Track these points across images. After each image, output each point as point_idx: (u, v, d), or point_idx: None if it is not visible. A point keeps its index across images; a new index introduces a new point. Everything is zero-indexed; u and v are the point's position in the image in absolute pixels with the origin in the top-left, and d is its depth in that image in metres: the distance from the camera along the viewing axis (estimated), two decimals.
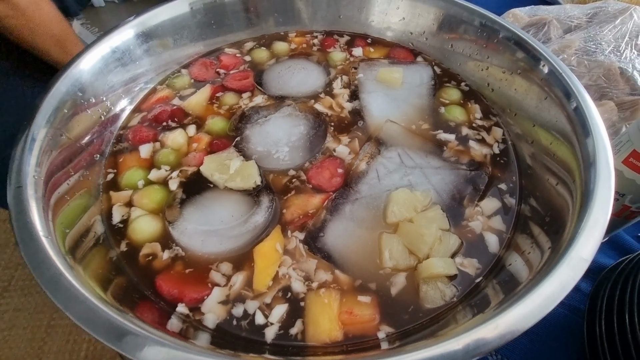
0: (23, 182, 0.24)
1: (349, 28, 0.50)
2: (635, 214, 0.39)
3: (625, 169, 0.36)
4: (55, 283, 0.19)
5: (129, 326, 0.17)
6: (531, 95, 0.35)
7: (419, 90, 0.42)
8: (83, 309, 0.18)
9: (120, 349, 0.16)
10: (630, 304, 0.33)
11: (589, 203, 0.23)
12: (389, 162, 0.35)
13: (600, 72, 0.55)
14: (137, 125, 0.38)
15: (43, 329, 1.48)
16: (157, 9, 0.39)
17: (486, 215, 0.32)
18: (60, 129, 0.30)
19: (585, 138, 0.27)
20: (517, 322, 0.18)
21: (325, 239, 0.30)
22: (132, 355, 0.16)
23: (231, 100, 0.41)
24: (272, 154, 0.36)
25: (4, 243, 1.68)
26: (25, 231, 0.21)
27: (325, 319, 0.25)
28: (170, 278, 0.27)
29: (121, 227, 0.30)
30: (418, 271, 0.27)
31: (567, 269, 0.19)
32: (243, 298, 0.26)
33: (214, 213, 0.31)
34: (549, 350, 0.38)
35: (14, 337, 1.38)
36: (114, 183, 0.33)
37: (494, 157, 0.36)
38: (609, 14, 0.62)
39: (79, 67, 0.33)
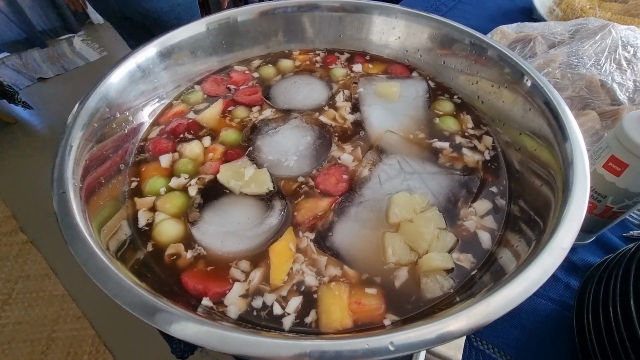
0: (65, 187, 0.26)
1: (349, 46, 0.54)
2: (618, 214, 0.42)
3: (606, 173, 0.40)
4: (104, 274, 0.21)
5: (170, 308, 0.20)
6: (517, 106, 0.39)
7: (415, 102, 0.46)
8: (130, 296, 0.21)
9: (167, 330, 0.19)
10: (613, 297, 0.36)
11: (568, 200, 0.26)
12: (390, 168, 0.38)
13: (583, 84, 0.59)
14: (157, 137, 0.41)
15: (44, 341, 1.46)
16: (177, 30, 0.43)
17: (479, 215, 0.35)
18: (90, 141, 0.33)
19: (564, 143, 0.30)
20: (506, 301, 0.21)
21: (334, 238, 0.33)
22: (165, 328, 0.19)
23: (242, 114, 0.44)
24: (282, 162, 0.39)
25: (5, 256, 1.67)
26: (72, 231, 0.24)
27: (337, 309, 0.28)
28: (194, 275, 0.30)
29: (147, 229, 0.33)
30: (418, 265, 0.30)
31: (549, 257, 0.22)
32: (261, 291, 0.29)
33: (232, 216, 0.34)
34: (541, 343, 0.41)
35: (14, 350, 1.38)
36: (137, 190, 0.36)
37: (485, 163, 0.40)
38: (590, 30, 0.67)
39: (106, 84, 0.36)
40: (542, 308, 0.44)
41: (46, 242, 1.54)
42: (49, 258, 1.50)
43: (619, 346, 0.33)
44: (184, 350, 0.68)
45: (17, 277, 1.47)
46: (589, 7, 0.85)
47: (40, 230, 1.58)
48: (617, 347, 0.33)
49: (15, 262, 1.52)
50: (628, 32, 0.64)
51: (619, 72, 0.59)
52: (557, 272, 0.47)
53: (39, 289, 1.45)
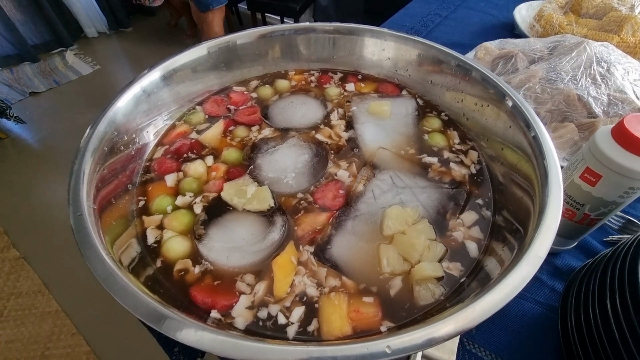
0: (82, 210, 0.28)
1: (342, 66, 0.57)
2: (595, 221, 0.45)
3: (582, 183, 0.43)
4: (124, 291, 0.23)
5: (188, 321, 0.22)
6: (499, 123, 0.42)
7: (405, 120, 0.49)
8: (149, 310, 0.22)
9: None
10: (592, 298, 0.39)
11: (544, 212, 0.28)
12: (383, 183, 0.41)
13: (561, 98, 0.63)
14: (161, 157, 0.43)
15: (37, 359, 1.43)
16: (180, 54, 0.45)
17: (466, 226, 0.37)
18: (100, 163, 0.35)
19: (542, 160, 0.33)
20: (490, 306, 0.23)
21: (332, 251, 0.35)
22: (183, 339, 0.21)
23: (242, 133, 0.47)
24: (282, 179, 0.41)
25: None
26: (91, 252, 0.26)
27: (337, 317, 0.30)
28: (203, 289, 0.32)
29: (156, 246, 0.35)
30: (411, 274, 0.33)
31: (527, 265, 0.25)
32: (266, 303, 0.31)
33: (236, 232, 0.36)
34: (530, 344, 0.43)
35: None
36: (145, 209, 0.38)
37: (471, 177, 0.42)
38: (566, 47, 0.71)
39: (114, 109, 0.38)
40: (529, 311, 0.46)
41: (39, 258, 1.53)
42: (41, 274, 1.49)
43: (598, 344, 0.36)
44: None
45: (8, 295, 1.45)
46: (567, 23, 0.90)
47: (33, 246, 1.57)
48: (597, 345, 0.36)
49: (7, 279, 1.50)
50: (602, 48, 0.68)
51: (594, 86, 0.63)
52: (542, 276, 0.50)
53: (31, 305, 1.43)
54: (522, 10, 1.00)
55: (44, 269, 1.48)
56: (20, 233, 1.60)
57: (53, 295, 1.43)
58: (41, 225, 1.62)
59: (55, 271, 1.47)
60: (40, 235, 1.59)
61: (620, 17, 0.84)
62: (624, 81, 0.63)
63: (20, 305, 1.45)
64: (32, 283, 1.48)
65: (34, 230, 1.61)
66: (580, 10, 0.93)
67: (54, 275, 1.47)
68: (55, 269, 1.48)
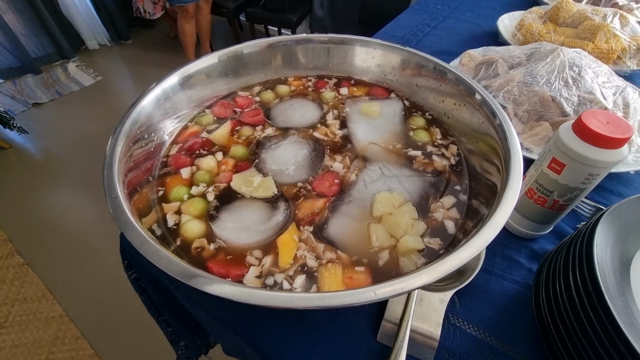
0: (117, 193, 0.34)
1: (336, 72, 0.63)
2: (564, 206, 0.50)
3: (550, 172, 0.48)
4: (157, 254, 0.28)
5: (211, 276, 0.27)
6: (474, 120, 0.48)
7: (393, 119, 0.55)
8: (180, 268, 0.28)
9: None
10: (559, 274, 0.44)
11: (506, 187, 0.34)
12: (373, 173, 0.46)
13: (537, 99, 0.69)
14: (176, 154, 0.49)
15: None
16: (195, 62, 0.51)
17: (446, 208, 0.43)
18: (128, 157, 0.40)
19: (504, 142, 0.39)
20: (457, 262, 0.28)
21: (329, 230, 0.40)
22: (210, 290, 0.26)
23: (248, 132, 0.52)
24: (284, 171, 0.46)
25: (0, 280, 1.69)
26: (128, 225, 0.31)
27: (333, 283, 0.35)
28: (217, 262, 0.37)
29: (175, 228, 0.40)
30: (397, 248, 0.38)
31: (488, 230, 0.30)
32: (272, 273, 0.36)
33: (244, 215, 0.41)
34: (509, 318, 0.47)
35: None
36: (164, 198, 0.43)
37: (451, 167, 0.48)
38: (542, 54, 0.77)
39: (138, 109, 0.44)
40: (509, 290, 0.51)
41: (43, 264, 1.56)
42: (45, 279, 1.51)
43: (563, 313, 0.40)
44: (190, 357, 0.74)
45: (13, 300, 1.48)
46: (546, 31, 0.97)
47: (37, 252, 1.60)
48: (562, 314, 0.41)
49: (11, 285, 1.53)
50: (574, 54, 0.74)
51: (566, 88, 0.69)
52: (521, 259, 0.55)
53: (35, 311, 1.46)
54: (505, 20, 1.07)
55: (48, 274, 1.51)
56: (24, 240, 1.63)
57: (57, 300, 1.46)
58: (45, 232, 1.65)
59: (59, 277, 1.50)
60: (43, 242, 1.62)
61: (594, 26, 0.91)
62: (593, 83, 0.69)
63: (24, 310, 1.48)
64: (36, 289, 1.51)
65: (37, 238, 1.64)
66: (558, 19, 1.00)
67: (57, 280, 1.49)
68: (59, 274, 1.51)
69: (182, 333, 0.61)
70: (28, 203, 1.78)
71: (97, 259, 1.53)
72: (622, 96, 0.68)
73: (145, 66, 2.75)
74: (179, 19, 2.23)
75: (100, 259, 1.53)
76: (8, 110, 2.09)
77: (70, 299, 1.43)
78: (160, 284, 0.52)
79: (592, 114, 0.44)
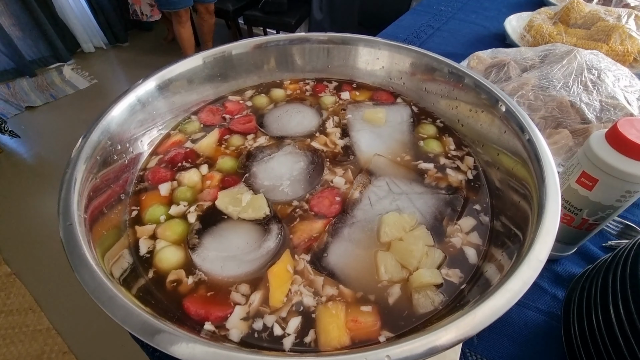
0: (72, 219, 0.28)
1: (337, 75, 0.57)
2: (594, 226, 0.45)
3: (579, 188, 0.43)
4: (112, 303, 0.22)
5: (180, 333, 0.21)
6: (494, 129, 0.42)
7: (400, 127, 0.49)
8: (139, 323, 0.22)
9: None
10: (595, 305, 0.38)
11: (543, 216, 0.28)
12: (379, 190, 0.40)
13: (554, 105, 0.64)
14: (155, 166, 0.43)
15: None
16: (175, 64, 0.45)
17: (464, 232, 0.37)
18: (93, 172, 0.34)
19: (537, 162, 0.33)
20: (491, 312, 0.22)
21: (329, 259, 0.34)
22: (175, 352, 0.20)
23: (237, 142, 0.47)
24: (278, 187, 0.41)
25: None
26: (80, 262, 0.25)
27: (335, 328, 0.29)
28: (196, 300, 0.31)
29: (148, 257, 0.34)
30: (410, 282, 0.32)
31: (528, 269, 0.24)
32: (262, 314, 0.30)
33: (231, 241, 0.35)
34: (532, 353, 0.42)
35: None
36: (138, 219, 0.38)
37: (468, 182, 0.42)
38: (557, 55, 0.72)
39: (108, 118, 0.38)
40: (531, 320, 0.45)
41: (31, 274, 1.50)
42: (33, 291, 1.46)
43: (602, 350, 0.35)
44: None
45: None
46: (556, 33, 0.92)
47: (25, 262, 1.54)
48: (601, 351, 0.35)
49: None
50: (592, 56, 0.69)
51: (585, 93, 0.64)
52: (543, 284, 0.49)
53: (22, 323, 1.40)
54: (513, 21, 1.02)
55: (36, 285, 1.46)
56: (12, 249, 1.57)
57: (45, 312, 1.40)
58: (34, 241, 1.60)
59: (48, 288, 1.45)
60: (32, 251, 1.56)
61: (608, 27, 0.86)
62: (615, 87, 0.64)
63: (10, 323, 1.42)
64: (23, 300, 1.45)
65: (26, 246, 1.58)
66: (569, 20, 0.95)
67: (45, 292, 1.44)
68: (47, 285, 1.45)
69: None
70: (18, 210, 1.72)
71: None
72: None
73: (141, 69, 2.71)
74: (174, 23, 2.21)
75: None
76: (1, 114, 2.04)
77: (58, 311, 1.38)
78: None
79: (629, 122, 0.39)
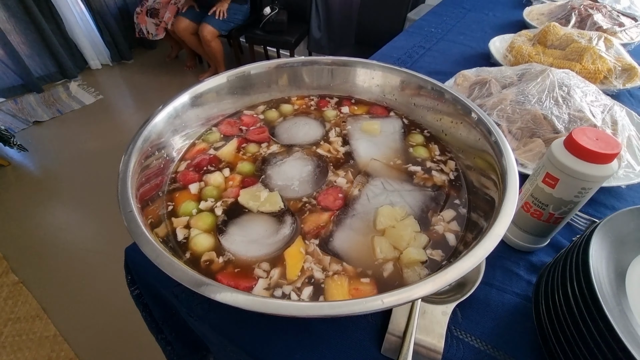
0: (131, 207, 0.35)
1: (338, 92, 0.65)
2: (560, 219, 0.52)
3: (545, 186, 0.50)
4: (172, 266, 0.29)
5: (227, 286, 0.28)
6: (471, 137, 0.50)
7: (393, 136, 0.57)
8: (194, 278, 0.29)
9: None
10: (557, 285, 0.45)
11: (504, 200, 0.36)
12: (375, 188, 0.48)
13: (529, 117, 0.72)
14: (185, 170, 0.50)
15: None
16: (205, 82, 0.54)
17: (446, 221, 0.44)
18: (139, 173, 0.42)
19: (500, 157, 0.41)
20: (459, 271, 0.30)
21: (334, 243, 0.41)
22: (224, 299, 0.27)
23: (253, 149, 0.54)
24: (290, 186, 0.48)
25: None
26: (142, 239, 0.32)
27: (340, 294, 0.36)
28: (226, 275, 0.38)
29: (185, 242, 0.41)
30: (400, 259, 0.39)
31: (488, 241, 0.32)
32: (280, 284, 0.37)
33: (252, 229, 0.42)
34: (510, 329, 0.48)
35: None
36: (173, 212, 0.45)
37: (450, 182, 0.50)
38: (533, 74, 0.81)
39: (150, 126, 0.46)
40: (509, 302, 0.52)
41: (38, 282, 1.54)
42: (40, 298, 1.49)
43: (563, 323, 0.41)
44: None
45: (6, 320, 1.45)
46: (535, 53, 1.02)
47: (32, 271, 1.58)
48: (562, 324, 0.42)
49: (5, 304, 1.50)
50: (563, 74, 0.78)
51: (556, 107, 0.72)
52: (520, 271, 0.56)
53: (29, 330, 1.43)
54: (496, 42, 1.11)
55: (43, 293, 1.49)
56: (20, 258, 1.61)
57: (51, 319, 1.43)
58: (40, 250, 1.64)
59: (54, 295, 1.48)
60: (39, 260, 1.60)
61: (580, 48, 0.96)
62: (582, 102, 0.73)
63: (17, 330, 1.45)
64: (30, 308, 1.48)
65: (33, 255, 1.62)
66: (547, 42, 1.05)
67: (52, 299, 1.47)
68: (53, 293, 1.49)
69: (182, 352, 0.61)
70: (24, 220, 1.77)
71: (93, 276, 1.52)
72: (610, 114, 0.71)
73: (145, 85, 2.81)
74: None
75: (97, 277, 1.51)
76: (8, 128, 2.11)
77: (64, 318, 1.41)
78: (163, 299, 0.53)
79: (582, 131, 0.47)
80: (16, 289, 1.55)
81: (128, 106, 2.65)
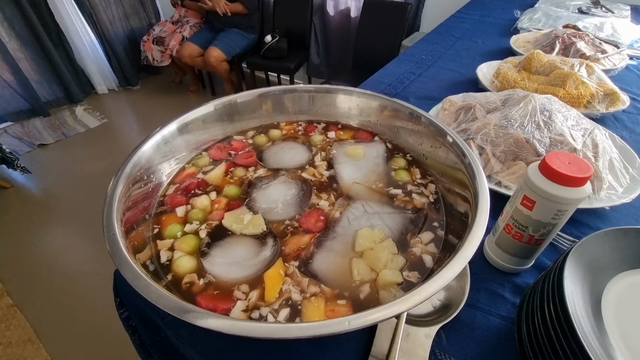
0: (114, 230, 0.36)
1: (324, 118, 0.68)
2: (540, 241, 0.52)
3: (523, 208, 0.51)
4: (148, 288, 0.31)
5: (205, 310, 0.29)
6: (448, 161, 0.52)
7: (376, 160, 0.59)
8: (169, 302, 0.30)
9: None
10: (536, 306, 0.45)
11: (474, 222, 0.37)
12: (356, 210, 0.49)
13: (512, 141, 0.74)
14: (173, 193, 0.52)
15: None
16: (193, 111, 0.56)
17: (424, 243, 0.45)
18: (127, 197, 0.44)
19: (473, 180, 0.42)
20: (428, 292, 0.30)
21: (313, 265, 0.42)
22: (202, 324, 0.28)
23: (241, 173, 0.56)
24: (273, 209, 0.50)
25: None
26: (122, 261, 0.33)
27: (316, 315, 0.37)
28: (206, 297, 0.39)
29: (167, 264, 0.42)
30: (377, 281, 0.40)
31: (456, 263, 0.33)
32: (258, 306, 0.38)
33: (234, 251, 0.43)
34: (494, 352, 0.48)
35: None
36: (159, 235, 0.46)
37: (429, 204, 0.51)
38: (516, 99, 0.84)
39: (139, 153, 0.48)
40: (494, 324, 0.52)
41: (32, 305, 1.53)
42: (33, 322, 1.48)
43: (543, 349, 0.41)
44: None
45: None
46: (520, 79, 1.05)
47: (27, 294, 1.58)
48: (542, 350, 0.42)
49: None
50: (544, 100, 0.81)
51: (538, 131, 0.75)
52: (505, 293, 0.56)
53: (19, 356, 1.41)
54: (484, 68, 1.15)
55: (36, 316, 1.48)
56: (16, 281, 1.61)
57: (43, 344, 1.41)
58: (38, 274, 1.64)
59: (48, 319, 1.47)
60: (35, 284, 1.60)
61: (563, 74, 0.99)
62: (563, 126, 0.75)
63: (7, 355, 1.43)
64: (22, 332, 1.47)
65: (29, 278, 1.62)
66: (531, 68, 1.09)
67: (45, 322, 1.46)
68: (47, 316, 1.48)
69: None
70: (23, 243, 1.78)
71: (89, 299, 1.51)
72: (591, 137, 0.73)
73: (151, 109, 2.89)
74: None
75: (92, 300, 1.50)
76: (13, 151, 2.16)
77: (57, 342, 1.39)
78: (151, 322, 0.53)
79: (555, 155, 0.49)
80: (10, 312, 1.54)
81: (131, 129, 2.72)
